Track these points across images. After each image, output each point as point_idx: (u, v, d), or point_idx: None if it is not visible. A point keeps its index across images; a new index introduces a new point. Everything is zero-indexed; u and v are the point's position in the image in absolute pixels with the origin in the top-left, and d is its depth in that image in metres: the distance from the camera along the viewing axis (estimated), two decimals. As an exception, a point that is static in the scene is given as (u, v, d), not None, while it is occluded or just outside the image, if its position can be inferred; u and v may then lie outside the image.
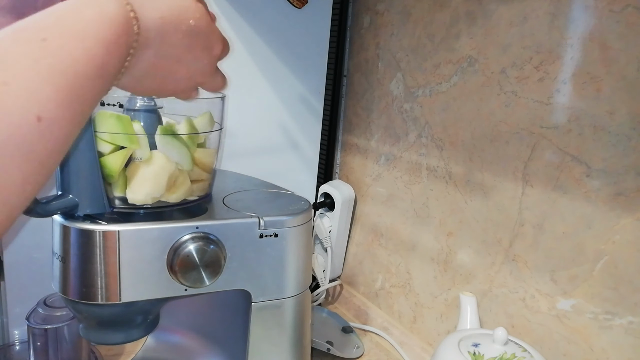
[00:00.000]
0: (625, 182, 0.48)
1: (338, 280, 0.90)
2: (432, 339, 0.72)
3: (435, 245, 0.71)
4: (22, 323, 0.58)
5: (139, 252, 0.43)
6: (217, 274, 0.45)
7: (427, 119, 0.71)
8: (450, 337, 0.53)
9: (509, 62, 0.58)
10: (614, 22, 0.48)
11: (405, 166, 0.75)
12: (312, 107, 0.85)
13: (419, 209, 0.73)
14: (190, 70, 0.36)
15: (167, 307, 0.50)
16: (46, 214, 0.41)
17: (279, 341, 0.52)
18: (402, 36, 0.75)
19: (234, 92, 0.75)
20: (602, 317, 0.50)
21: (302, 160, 0.86)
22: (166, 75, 0.34)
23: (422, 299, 0.73)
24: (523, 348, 0.50)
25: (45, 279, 0.46)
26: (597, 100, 0.50)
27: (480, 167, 0.63)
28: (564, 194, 0.53)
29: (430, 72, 0.70)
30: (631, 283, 0.48)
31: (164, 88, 0.36)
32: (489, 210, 0.62)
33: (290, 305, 0.51)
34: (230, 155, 0.78)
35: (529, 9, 0.56)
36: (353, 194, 0.86)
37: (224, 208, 0.50)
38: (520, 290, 0.59)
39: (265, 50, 0.77)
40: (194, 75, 0.37)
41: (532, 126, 0.56)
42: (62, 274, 0.43)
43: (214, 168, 0.52)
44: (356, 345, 0.74)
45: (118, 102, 0.42)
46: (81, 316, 0.46)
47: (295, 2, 0.77)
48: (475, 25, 0.62)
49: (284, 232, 0.49)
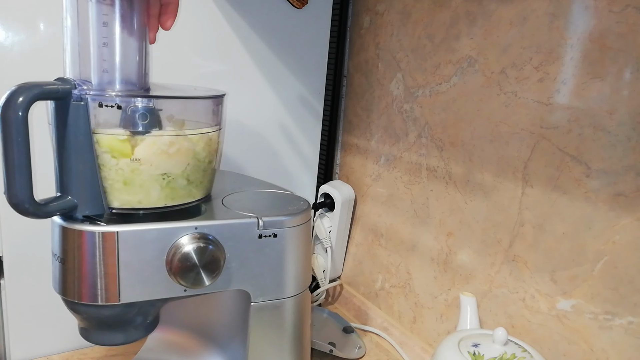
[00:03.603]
0: (625, 182, 0.48)
1: (338, 281, 0.90)
2: (432, 339, 0.72)
3: (435, 246, 0.70)
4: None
5: (138, 253, 0.43)
6: (216, 274, 0.45)
7: (427, 119, 0.70)
8: (450, 337, 0.53)
9: (508, 62, 0.58)
10: (614, 22, 0.48)
11: (405, 166, 0.75)
12: (312, 107, 0.85)
13: (419, 209, 0.73)
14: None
15: (167, 308, 0.51)
16: (45, 215, 0.41)
17: (278, 341, 0.52)
18: (402, 36, 0.75)
19: (234, 92, 0.75)
20: (602, 317, 0.50)
21: (302, 160, 0.86)
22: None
23: (422, 299, 0.73)
24: (523, 348, 0.50)
25: (45, 279, 0.46)
26: (597, 100, 0.49)
27: (480, 167, 0.63)
28: (563, 194, 0.53)
29: (430, 72, 0.70)
30: (631, 283, 0.48)
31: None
32: (489, 211, 0.62)
33: (289, 305, 0.51)
34: (229, 155, 0.78)
35: (529, 9, 0.56)
36: (353, 194, 0.86)
37: (223, 208, 0.50)
38: (520, 290, 0.58)
39: (265, 51, 0.77)
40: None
41: (532, 126, 0.56)
42: (62, 275, 0.43)
43: (213, 168, 0.52)
44: (358, 346, 0.74)
45: (116, 104, 0.42)
46: (81, 317, 0.46)
47: (295, 3, 0.77)
48: (475, 26, 0.62)
49: (283, 232, 0.49)
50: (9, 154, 0.38)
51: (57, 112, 0.41)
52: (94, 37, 0.42)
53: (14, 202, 0.39)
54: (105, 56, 0.43)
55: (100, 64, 0.43)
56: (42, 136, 0.47)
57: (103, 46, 0.43)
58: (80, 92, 0.41)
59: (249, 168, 0.80)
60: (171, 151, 0.45)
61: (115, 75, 0.44)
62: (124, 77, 0.44)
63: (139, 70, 0.46)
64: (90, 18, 0.42)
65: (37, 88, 0.38)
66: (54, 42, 0.60)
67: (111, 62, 0.43)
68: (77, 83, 0.41)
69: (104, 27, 0.43)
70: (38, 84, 0.38)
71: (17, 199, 0.39)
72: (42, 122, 0.44)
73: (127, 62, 0.44)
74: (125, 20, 0.43)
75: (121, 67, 0.44)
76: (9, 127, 0.37)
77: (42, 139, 0.49)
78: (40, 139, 0.50)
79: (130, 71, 0.45)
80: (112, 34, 0.43)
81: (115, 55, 0.43)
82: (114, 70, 0.44)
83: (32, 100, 0.37)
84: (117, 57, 0.44)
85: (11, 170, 0.38)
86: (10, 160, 0.38)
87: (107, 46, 0.43)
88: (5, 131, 0.37)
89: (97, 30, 0.42)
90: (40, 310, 0.66)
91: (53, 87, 0.39)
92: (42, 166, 0.54)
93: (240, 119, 0.77)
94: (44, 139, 0.46)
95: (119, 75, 0.44)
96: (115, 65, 0.44)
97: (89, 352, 0.70)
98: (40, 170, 0.51)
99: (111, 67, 0.43)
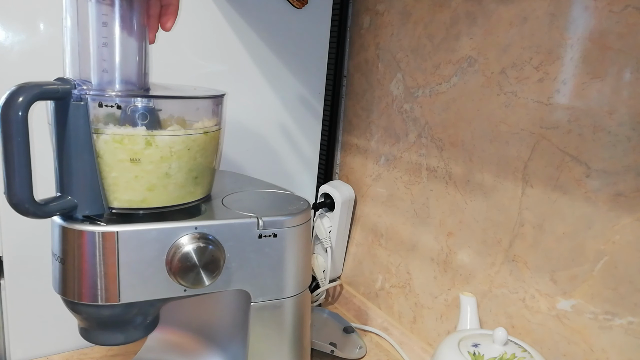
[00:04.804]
0: (625, 182, 0.48)
1: (338, 281, 0.90)
2: (432, 339, 0.72)
3: (435, 246, 0.70)
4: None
5: (138, 253, 0.43)
6: (216, 274, 0.45)
7: (427, 119, 0.70)
8: (450, 338, 0.53)
9: (508, 62, 0.58)
10: (614, 22, 0.48)
11: (405, 166, 0.75)
12: (312, 108, 0.85)
13: (419, 209, 0.73)
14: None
15: (167, 308, 0.51)
16: (45, 215, 0.41)
17: (278, 341, 0.52)
18: (402, 36, 0.75)
19: (233, 92, 0.75)
20: (602, 317, 0.50)
21: (302, 160, 0.86)
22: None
23: (422, 299, 0.73)
24: (523, 348, 0.50)
25: (45, 279, 0.46)
26: (597, 100, 0.49)
27: (480, 167, 0.63)
28: (564, 194, 0.53)
29: (430, 72, 0.70)
30: (631, 283, 0.48)
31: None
32: (489, 211, 0.62)
33: (289, 305, 0.51)
34: (229, 155, 0.78)
35: (529, 9, 0.56)
36: (353, 194, 0.86)
37: (223, 208, 0.50)
38: (520, 290, 0.58)
39: (265, 51, 0.77)
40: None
41: (532, 126, 0.56)
42: (62, 275, 0.43)
43: (213, 168, 0.52)
44: (359, 346, 0.74)
45: (116, 104, 0.42)
46: (81, 317, 0.46)
47: (295, 3, 0.77)
48: (475, 26, 0.62)
49: (283, 232, 0.49)
50: (9, 154, 0.38)
51: (57, 112, 0.41)
52: (93, 37, 0.42)
53: (14, 202, 0.39)
54: (105, 56, 0.43)
55: (100, 64, 0.43)
56: (42, 136, 0.47)
57: (103, 46, 0.43)
58: (80, 92, 0.41)
59: (249, 168, 0.80)
60: (171, 151, 0.44)
61: (115, 75, 0.44)
62: (124, 77, 0.44)
63: (139, 70, 0.46)
64: (90, 18, 0.42)
65: (37, 88, 0.38)
66: (54, 42, 0.60)
67: (111, 62, 0.43)
68: (77, 83, 0.41)
69: (103, 27, 0.43)
70: (38, 84, 0.38)
71: (17, 199, 0.39)
72: (42, 122, 0.44)
73: (126, 62, 0.44)
74: (125, 20, 0.44)
75: (121, 67, 0.44)
76: (9, 127, 0.37)
77: (42, 139, 0.49)
78: (40, 139, 0.50)
79: (130, 71, 0.45)
80: (111, 34, 0.43)
81: (115, 55, 0.43)
82: (114, 70, 0.44)
83: (32, 100, 0.37)
84: (117, 57, 0.44)
85: (11, 170, 0.38)
86: (10, 160, 0.38)
87: (107, 46, 0.43)
88: (5, 131, 0.37)
89: (97, 30, 0.42)
90: (40, 310, 0.66)
91: (53, 87, 0.39)
92: (42, 166, 0.54)
93: (240, 119, 0.77)
94: (44, 139, 0.46)
95: (118, 75, 0.44)
96: (115, 65, 0.44)
97: (89, 352, 0.70)
98: (40, 170, 0.52)
99: (111, 67, 0.43)
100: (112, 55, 0.43)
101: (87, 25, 0.42)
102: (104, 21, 0.42)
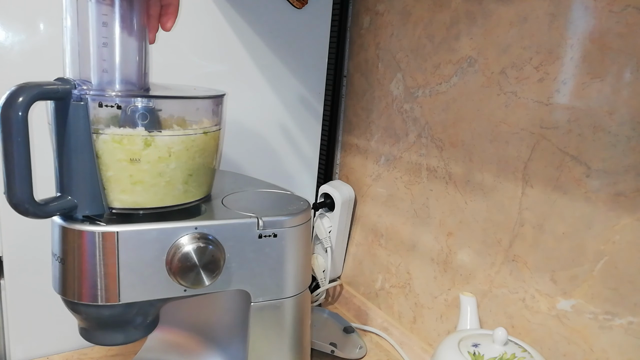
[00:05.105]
0: (625, 182, 0.48)
1: (338, 281, 0.90)
2: (432, 339, 0.72)
3: (435, 246, 0.70)
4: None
5: (138, 253, 0.43)
6: (216, 274, 0.45)
7: (427, 119, 0.70)
8: (450, 338, 0.53)
9: (508, 62, 0.58)
10: (614, 22, 0.48)
11: (405, 166, 0.75)
12: (312, 108, 0.85)
13: (419, 209, 0.73)
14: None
15: (167, 308, 0.51)
16: (45, 215, 0.41)
17: (278, 341, 0.52)
18: (402, 36, 0.75)
19: (234, 92, 0.75)
20: (602, 317, 0.50)
21: (302, 160, 0.86)
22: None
23: (422, 299, 0.73)
24: (523, 348, 0.50)
25: (45, 279, 0.46)
26: (597, 100, 0.49)
27: (480, 167, 0.63)
28: (564, 194, 0.53)
29: (430, 72, 0.70)
30: (631, 283, 0.48)
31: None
32: (489, 211, 0.62)
33: (289, 305, 0.51)
34: (229, 155, 0.78)
35: (529, 9, 0.55)
36: (353, 194, 0.86)
37: (222, 208, 0.50)
38: (520, 290, 0.58)
39: (265, 51, 0.77)
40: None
41: (532, 126, 0.56)
42: (62, 275, 0.43)
43: (213, 168, 0.52)
44: (359, 346, 0.74)
45: (116, 104, 0.42)
46: (81, 317, 0.46)
47: (295, 3, 0.77)
48: (475, 26, 0.62)
49: (283, 232, 0.49)
50: (9, 154, 0.38)
51: (57, 112, 0.41)
52: (93, 37, 0.42)
53: (14, 202, 0.39)
54: (104, 56, 0.43)
55: (100, 64, 0.43)
56: (42, 136, 0.47)
57: (103, 46, 0.43)
58: (80, 92, 0.41)
59: (249, 168, 0.80)
60: (171, 151, 0.44)
61: (115, 75, 0.44)
62: (124, 77, 0.44)
63: (139, 70, 0.46)
64: (90, 18, 0.42)
65: (37, 88, 0.38)
66: (54, 42, 0.60)
67: (111, 62, 0.43)
68: (77, 83, 0.41)
69: (103, 27, 0.43)
70: (38, 84, 0.38)
71: (17, 199, 0.39)
72: (42, 122, 0.44)
73: (126, 62, 0.44)
74: (125, 20, 0.43)
75: (121, 67, 0.44)
76: (9, 127, 0.37)
77: (42, 139, 0.49)
78: (40, 139, 0.50)
79: (130, 71, 0.45)
80: (111, 34, 0.43)
81: (115, 55, 0.43)
82: (114, 70, 0.44)
83: (32, 100, 0.37)
84: (117, 57, 0.44)
85: (11, 170, 0.38)
86: (10, 160, 0.38)
87: (107, 46, 0.43)
88: (5, 131, 0.37)
89: (97, 30, 0.42)
90: (40, 310, 0.66)
91: (53, 87, 0.39)
92: (42, 166, 0.54)
93: (240, 119, 0.77)
94: (44, 139, 0.46)
95: (118, 75, 0.44)
96: (115, 65, 0.44)
97: (89, 352, 0.70)
98: (40, 170, 0.51)
99: (111, 67, 0.43)
100: (112, 55, 0.43)
101: (87, 25, 0.42)
102: (104, 21, 0.42)
